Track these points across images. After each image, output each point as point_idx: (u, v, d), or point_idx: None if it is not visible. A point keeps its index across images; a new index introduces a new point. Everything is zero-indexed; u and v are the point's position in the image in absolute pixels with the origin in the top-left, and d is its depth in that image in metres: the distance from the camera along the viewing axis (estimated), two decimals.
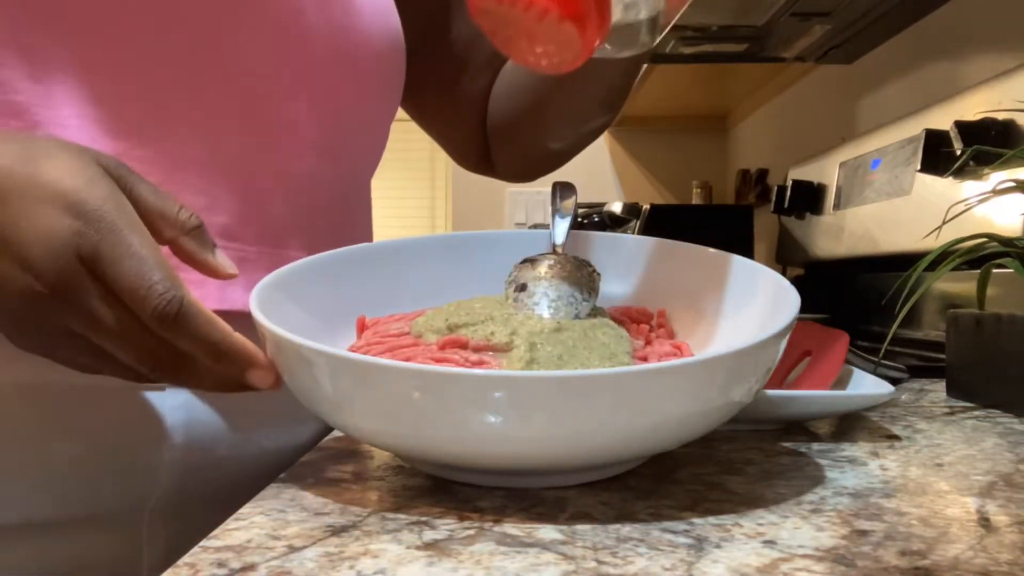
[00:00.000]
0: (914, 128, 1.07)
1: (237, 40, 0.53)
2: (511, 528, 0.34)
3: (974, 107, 0.94)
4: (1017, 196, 0.70)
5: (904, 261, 0.77)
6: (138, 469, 0.52)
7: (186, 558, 0.31)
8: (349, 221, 0.64)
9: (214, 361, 0.40)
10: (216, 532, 0.34)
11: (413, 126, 0.85)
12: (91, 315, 0.39)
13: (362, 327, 0.51)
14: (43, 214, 0.38)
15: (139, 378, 0.42)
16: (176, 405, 0.52)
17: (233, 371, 0.41)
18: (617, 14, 0.38)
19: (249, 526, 0.35)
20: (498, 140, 0.78)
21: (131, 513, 0.53)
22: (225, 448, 0.55)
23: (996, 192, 0.69)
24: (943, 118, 0.99)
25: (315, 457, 0.48)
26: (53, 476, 0.50)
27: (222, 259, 0.44)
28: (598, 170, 2.47)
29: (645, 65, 1.78)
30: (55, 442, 0.49)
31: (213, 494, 0.55)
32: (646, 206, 1.85)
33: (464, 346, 0.44)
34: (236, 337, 0.41)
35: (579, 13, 0.37)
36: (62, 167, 0.39)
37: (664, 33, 0.42)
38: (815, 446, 0.50)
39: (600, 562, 0.30)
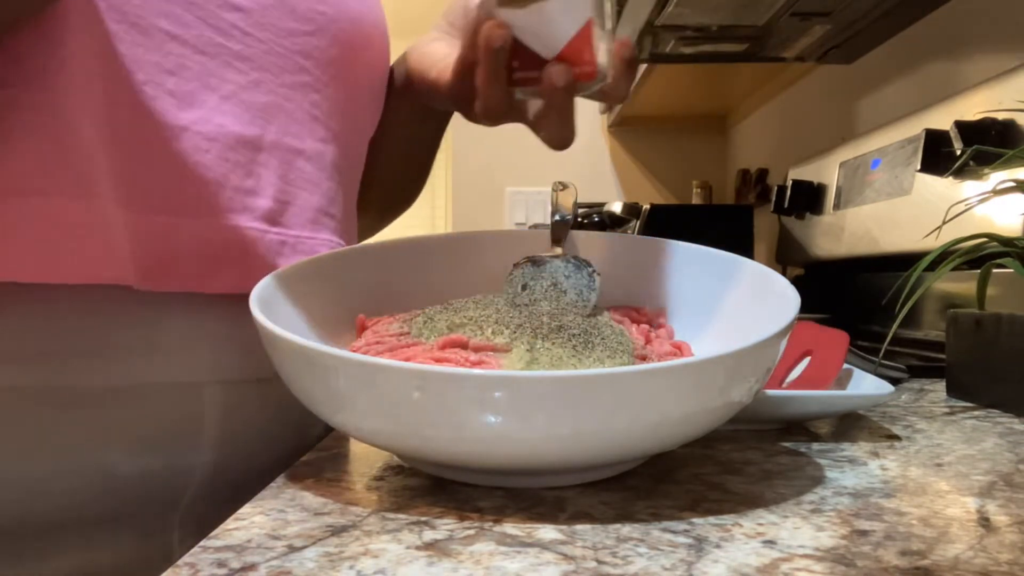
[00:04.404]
0: (914, 128, 1.07)
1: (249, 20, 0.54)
2: (511, 528, 0.34)
3: (974, 107, 0.94)
4: (1017, 196, 0.70)
5: (904, 261, 0.77)
6: (173, 470, 0.52)
7: (186, 558, 0.31)
8: (354, 208, 0.65)
9: None
10: (216, 532, 0.34)
11: None
12: None
13: (362, 327, 0.51)
14: None
15: None
16: (214, 403, 0.53)
17: None
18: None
19: (249, 526, 0.35)
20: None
21: (163, 516, 0.53)
22: (258, 439, 0.56)
23: (996, 192, 0.69)
24: (943, 118, 0.99)
25: (315, 457, 0.48)
26: (90, 479, 0.49)
27: None
28: (598, 170, 2.47)
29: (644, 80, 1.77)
30: (91, 445, 0.49)
31: (244, 485, 0.55)
32: (646, 206, 1.85)
33: (464, 346, 0.44)
34: None
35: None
36: None
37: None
38: (815, 446, 0.50)
39: (600, 562, 0.30)
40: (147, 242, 0.49)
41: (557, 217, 0.58)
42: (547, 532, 0.34)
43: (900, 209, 1.10)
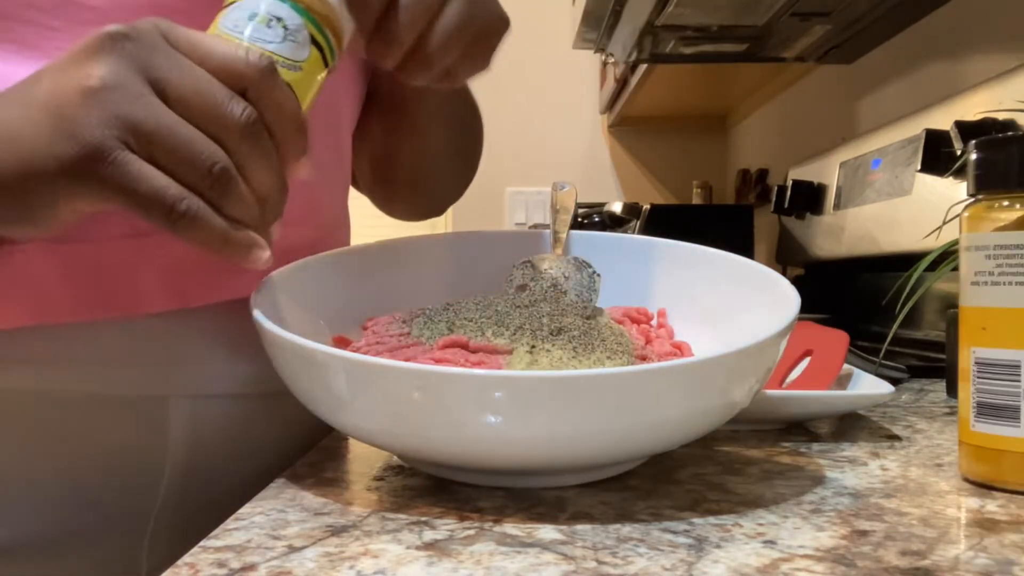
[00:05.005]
0: (914, 128, 1.07)
1: None
2: (511, 528, 0.34)
3: (974, 107, 0.93)
4: None
5: (904, 261, 0.77)
6: (139, 484, 0.51)
7: (186, 558, 0.31)
8: (344, 199, 0.65)
9: (295, 129, 0.39)
10: (216, 532, 0.34)
11: None
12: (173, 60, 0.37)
13: (362, 328, 0.51)
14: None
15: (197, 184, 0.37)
16: (180, 418, 0.51)
17: (297, 147, 0.40)
18: None
19: (249, 526, 0.35)
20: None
21: (131, 531, 0.52)
22: (225, 456, 0.55)
23: None
24: (943, 118, 0.99)
25: (315, 457, 0.48)
26: (52, 493, 0.49)
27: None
28: (598, 170, 2.47)
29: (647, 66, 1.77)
30: (54, 456, 0.49)
31: (212, 501, 0.54)
32: (646, 206, 1.85)
33: (464, 346, 0.44)
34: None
35: None
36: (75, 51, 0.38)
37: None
38: (815, 446, 0.50)
39: (600, 562, 0.30)
40: (105, 270, 0.47)
41: (557, 217, 0.58)
42: (547, 532, 0.34)
43: (900, 209, 1.10)
